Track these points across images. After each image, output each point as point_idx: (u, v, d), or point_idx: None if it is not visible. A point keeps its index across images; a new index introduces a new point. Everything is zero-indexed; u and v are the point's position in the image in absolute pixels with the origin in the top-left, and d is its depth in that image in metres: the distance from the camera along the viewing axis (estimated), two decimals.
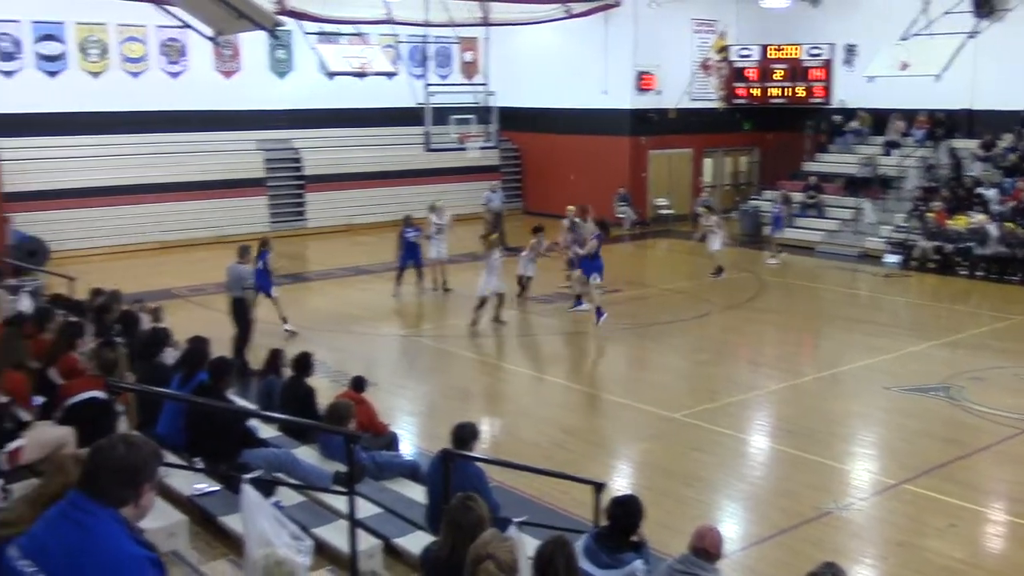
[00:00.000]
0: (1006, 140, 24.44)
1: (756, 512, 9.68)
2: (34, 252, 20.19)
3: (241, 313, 14.22)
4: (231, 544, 6.41)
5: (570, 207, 18.44)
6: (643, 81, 27.48)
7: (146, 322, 11.35)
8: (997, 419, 12.08)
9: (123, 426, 6.79)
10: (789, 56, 28.13)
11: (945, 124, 25.70)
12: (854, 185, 25.30)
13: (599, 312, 16.53)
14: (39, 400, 7.03)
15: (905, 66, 17.97)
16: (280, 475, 7.46)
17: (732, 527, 9.07)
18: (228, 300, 14.48)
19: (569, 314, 17.36)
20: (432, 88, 21.54)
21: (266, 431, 8.89)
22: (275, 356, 10.54)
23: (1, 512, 3.86)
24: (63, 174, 23.08)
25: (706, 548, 5.57)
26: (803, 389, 13.63)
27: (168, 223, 24.34)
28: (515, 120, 28.36)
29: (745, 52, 28.55)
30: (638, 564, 5.72)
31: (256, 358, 11.43)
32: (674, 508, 9.28)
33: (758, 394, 13.41)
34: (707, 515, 9.15)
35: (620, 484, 9.85)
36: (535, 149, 30.40)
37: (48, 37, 23.72)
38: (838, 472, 10.67)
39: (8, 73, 23.01)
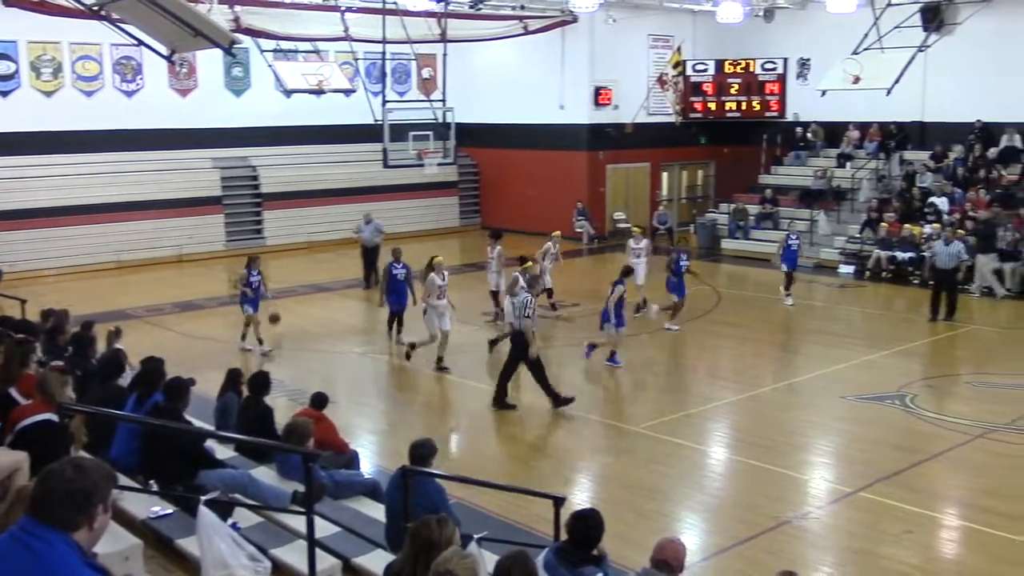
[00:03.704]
0: (956, 151, 24.95)
1: (715, 523, 9.75)
2: None
3: (521, 345, 13.13)
4: (187, 567, 6.35)
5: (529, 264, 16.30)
6: (600, 96, 27.71)
7: (102, 343, 11.23)
8: (950, 426, 12.30)
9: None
10: (744, 71, 28.48)
11: (897, 136, 26.16)
12: (809, 197, 25.63)
13: (591, 349, 15.92)
14: None
15: (857, 80, 18.22)
16: (237, 496, 7.40)
17: (692, 539, 9.11)
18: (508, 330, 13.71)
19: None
20: (390, 104, 21.50)
21: (223, 452, 8.81)
22: (233, 375, 10.45)
23: None
24: (16, 194, 22.80)
25: (667, 560, 5.59)
26: (761, 400, 13.75)
27: (124, 243, 24.10)
28: (473, 136, 28.44)
29: (701, 67, 28.85)
30: None
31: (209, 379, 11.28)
32: (635, 521, 9.33)
33: (716, 406, 13.51)
34: (667, 528, 9.21)
35: (580, 498, 9.88)
36: (493, 165, 30.50)
37: None
38: (795, 482, 10.79)
39: None
